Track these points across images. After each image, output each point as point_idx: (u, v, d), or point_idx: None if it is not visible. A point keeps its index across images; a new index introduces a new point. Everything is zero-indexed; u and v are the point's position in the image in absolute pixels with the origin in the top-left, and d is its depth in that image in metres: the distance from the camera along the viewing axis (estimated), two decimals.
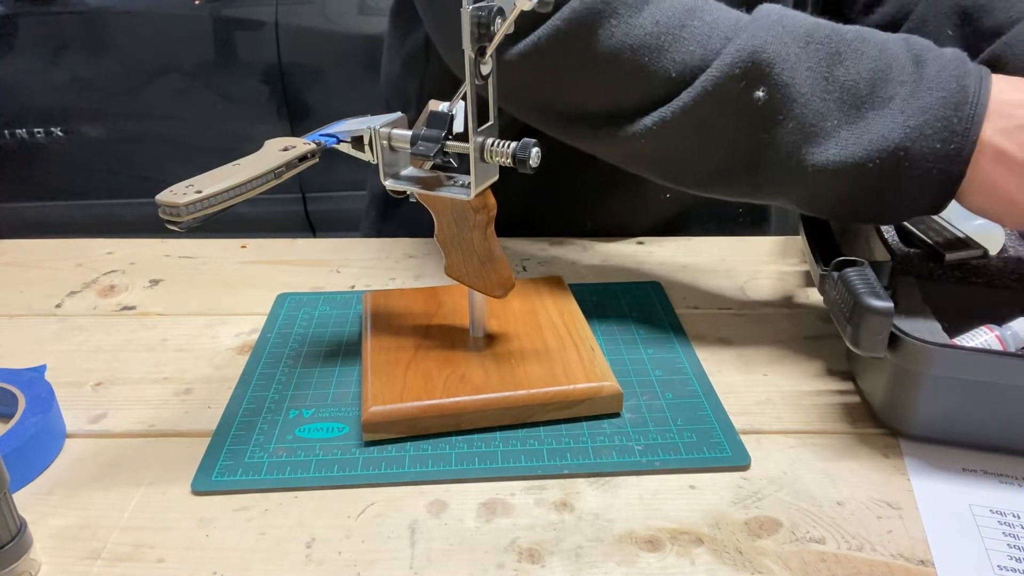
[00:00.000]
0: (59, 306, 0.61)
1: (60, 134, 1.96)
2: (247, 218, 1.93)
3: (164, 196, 0.37)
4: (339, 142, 0.45)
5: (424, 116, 0.44)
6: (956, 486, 0.42)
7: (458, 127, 0.44)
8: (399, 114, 0.46)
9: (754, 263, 0.67)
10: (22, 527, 0.36)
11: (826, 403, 0.49)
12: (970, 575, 0.37)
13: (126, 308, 0.60)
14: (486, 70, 0.42)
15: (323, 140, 0.44)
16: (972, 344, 0.45)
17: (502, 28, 0.40)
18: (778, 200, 0.51)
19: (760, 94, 0.46)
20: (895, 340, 0.42)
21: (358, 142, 0.45)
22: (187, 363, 0.53)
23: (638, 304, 0.60)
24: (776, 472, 0.43)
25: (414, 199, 0.46)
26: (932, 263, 0.56)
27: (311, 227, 2.10)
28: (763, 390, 0.50)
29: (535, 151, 0.42)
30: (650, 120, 0.49)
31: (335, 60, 1.93)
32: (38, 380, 0.47)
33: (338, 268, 0.66)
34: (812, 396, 0.50)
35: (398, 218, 0.80)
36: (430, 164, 0.45)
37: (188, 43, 1.91)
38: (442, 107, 0.44)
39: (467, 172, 0.44)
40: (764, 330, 0.57)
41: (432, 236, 0.48)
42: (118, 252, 0.69)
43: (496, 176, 0.46)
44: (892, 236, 0.59)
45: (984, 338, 0.45)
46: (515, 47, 0.49)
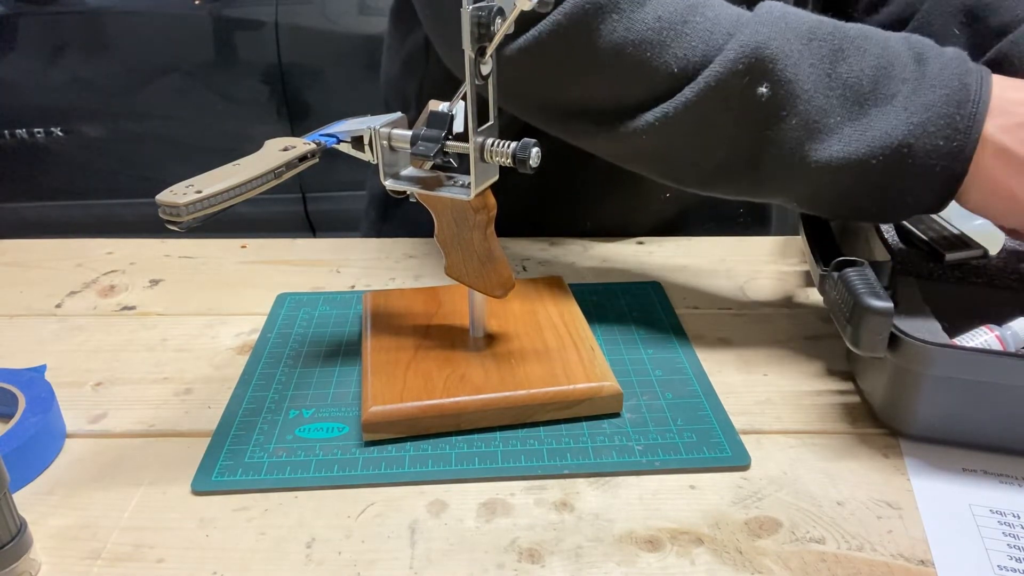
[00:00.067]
0: (59, 306, 0.61)
1: (60, 134, 1.96)
2: (247, 218, 1.94)
3: (164, 196, 0.37)
4: (339, 142, 0.45)
5: (424, 116, 0.44)
6: (956, 486, 0.42)
7: (458, 127, 0.44)
8: (399, 114, 0.46)
9: (754, 263, 0.67)
10: (22, 527, 0.36)
11: (826, 403, 0.49)
12: (970, 575, 0.37)
13: (126, 308, 0.60)
14: (486, 70, 0.42)
15: (323, 140, 0.44)
16: (972, 344, 0.45)
17: (502, 28, 0.40)
18: (779, 198, 0.51)
19: (763, 90, 0.46)
20: (895, 340, 0.42)
21: (358, 142, 0.45)
22: (187, 363, 0.53)
23: (638, 304, 0.60)
24: (776, 472, 0.43)
25: (414, 199, 0.46)
26: (932, 263, 0.56)
27: (311, 227, 2.10)
28: (763, 390, 0.50)
29: (535, 151, 0.42)
30: (652, 116, 0.49)
31: (335, 60, 1.93)
32: (38, 380, 0.47)
33: (338, 268, 0.66)
34: (812, 396, 0.50)
35: (398, 218, 0.80)
36: (430, 164, 0.45)
37: (188, 43, 1.91)
38: (442, 107, 0.44)
39: (467, 172, 0.44)
40: (764, 330, 0.57)
41: (432, 236, 0.48)
42: (118, 252, 0.69)
43: (496, 176, 0.46)
44: (892, 236, 0.59)
45: (984, 338, 0.45)
46: (516, 42, 0.49)
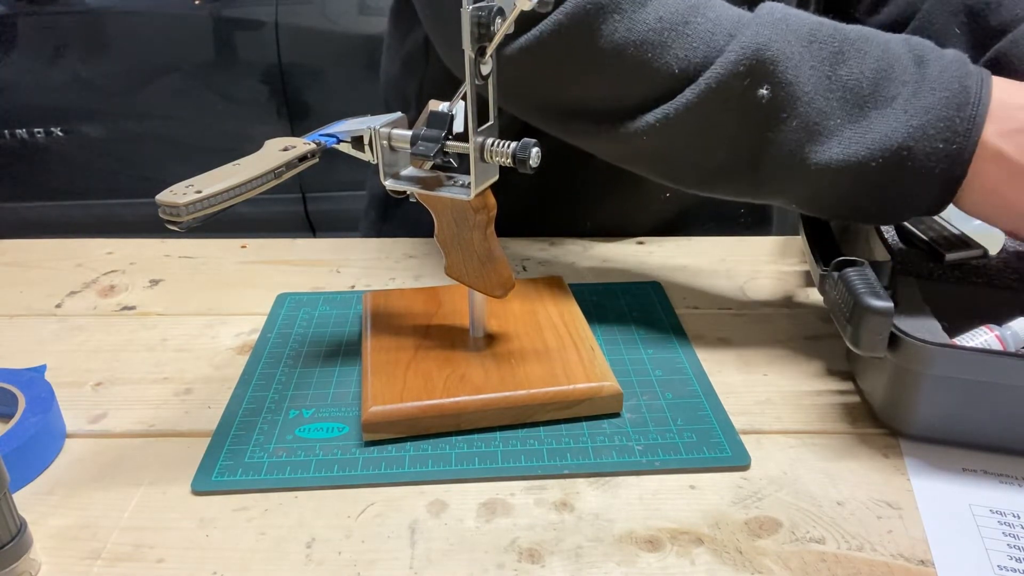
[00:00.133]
0: (59, 306, 0.61)
1: (60, 134, 1.96)
2: (247, 218, 1.94)
3: (164, 196, 0.37)
4: (339, 142, 0.45)
5: (424, 116, 0.44)
6: (956, 486, 0.42)
7: (458, 127, 0.44)
8: (399, 114, 0.46)
9: (754, 263, 0.67)
10: (22, 527, 0.36)
11: (826, 403, 0.49)
12: (970, 575, 0.37)
13: (126, 308, 0.60)
14: (486, 70, 0.42)
15: (323, 140, 0.44)
16: (972, 344, 0.45)
17: (502, 28, 0.40)
18: (779, 199, 0.51)
19: (764, 92, 0.46)
20: (895, 340, 0.42)
21: (358, 142, 0.45)
22: (187, 363, 0.53)
23: (638, 304, 0.60)
24: (776, 472, 0.43)
25: (414, 199, 0.46)
26: (932, 263, 0.56)
27: (311, 227, 2.10)
28: (763, 390, 0.50)
29: (535, 151, 0.42)
30: (652, 117, 0.49)
31: (335, 60, 1.93)
32: (38, 380, 0.47)
33: (338, 268, 0.66)
34: (812, 396, 0.50)
35: (398, 218, 0.80)
36: (430, 164, 0.45)
37: (188, 43, 1.91)
38: (442, 107, 0.44)
39: (467, 172, 0.44)
40: (764, 330, 0.57)
41: (432, 236, 0.48)
42: (118, 252, 0.69)
43: (496, 176, 0.46)
44: (892, 236, 0.59)
45: (984, 338, 0.45)
46: (516, 42, 0.49)
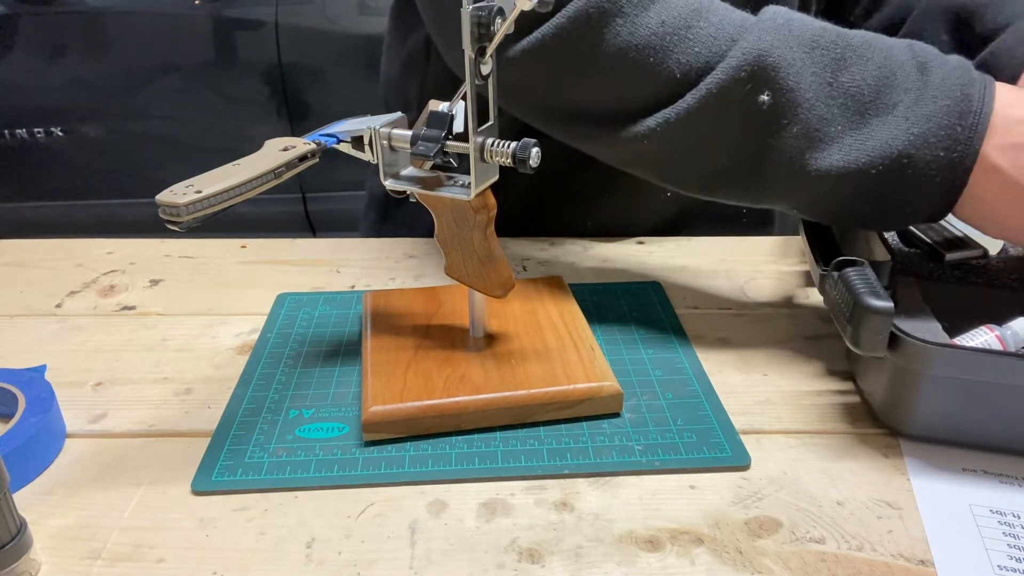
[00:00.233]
0: (59, 306, 0.61)
1: (60, 134, 1.96)
2: (247, 218, 1.94)
3: (164, 196, 0.37)
4: (339, 142, 0.45)
5: (424, 116, 0.44)
6: (956, 486, 0.42)
7: (458, 127, 0.44)
8: (399, 114, 0.46)
9: (754, 263, 0.67)
10: (22, 527, 0.36)
11: (826, 403, 0.49)
12: (970, 575, 0.37)
13: (126, 308, 0.60)
14: (486, 70, 0.42)
15: (323, 140, 0.44)
16: (972, 344, 0.45)
17: (502, 28, 0.40)
18: (779, 204, 0.51)
19: (765, 98, 0.46)
20: (895, 340, 0.42)
21: (358, 142, 0.45)
22: (187, 363, 0.53)
23: (638, 304, 0.60)
24: (776, 472, 0.43)
25: (414, 199, 0.46)
26: (932, 263, 0.56)
27: (311, 227, 2.10)
28: (763, 390, 0.50)
29: (535, 151, 0.42)
30: (653, 121, 0.49)
31: (335, 60, 1.93)
32: (38, 380, 0.47)
33: (338, 268, 0.66)
34: (812, 396, 0.50)
35: (398, 218, 0.80)
36: (430, 164, 0.45)
37: (188, 43, 1.91)
38: (442, 107, 0.44)
39: (467, 172, 0.44)
40: (764, 330, 0.57)
41: (432, 236, 0.48)
42: (118, 252, 0.69)
43: (496, 176, 0.46)
44: (892, 236, 0.59)
45: (984, 338, 0.45)
46: (518, 44, 0.49)
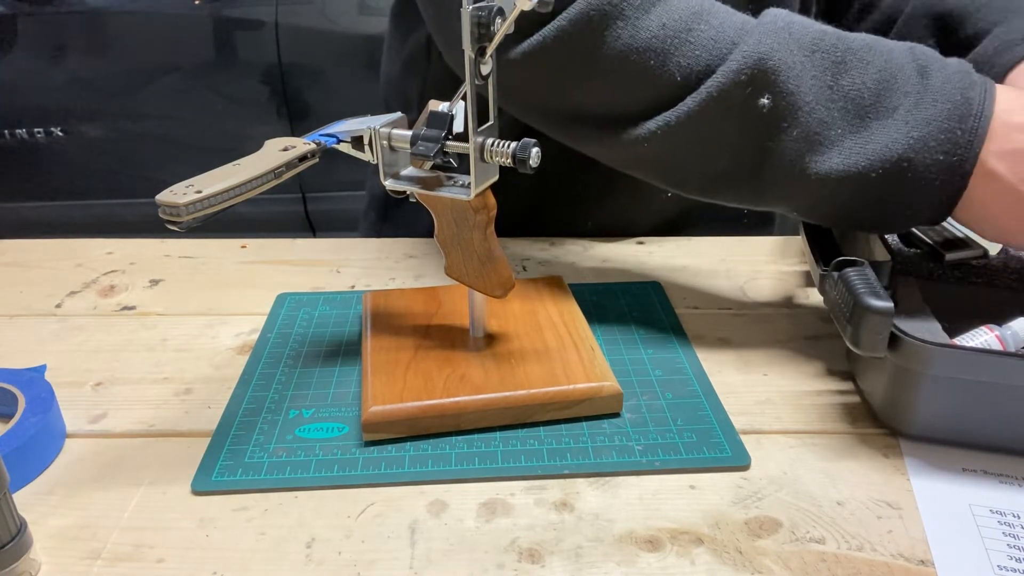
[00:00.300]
0: (59, 306, 0.61)
1: (60, 134, 1.96)
2: (247, 218, 1.94)
3: (164, 196, 0.37)
4: (339, 142, 0.45)
5: (424, 116, 0.44)
6: (956, 486, 0.42)
7: (458, 127, 0.44)
8: (399, 114, 0.46)
9: (754, 263, 0.67)
10: (22, 527, 0.36)
11: (826, 403, 0.49)
12: (970, 575, 0.37)
13: (126, 308, 0.60)
14: (486, 70, 0.42)
15: (323, 140, 0.44)
16: (972, 344, 0.45)
17: (502, 28, 0.40)
18: (779, 207, 0.51)
19: (765, 101, 0.46)
20: (895, 340, 0.42)
21: (358, 142, 0.45)
22: (187, 363, 0.53)
23: (638, 304, 0.60)
24: (776, 472, 0.43)
25: (414, 199, 0.46)
26: (932, 263, 0.56)
27: (311, 227, 2.10)
28: (763, 390, 0.50)
29: (535, 151, 0.42)
30: (654, 124, 0.49)
31: (335, 60, 1.93)
32: (38, 380, 0.47)
33: (338, 268, 0.66)
34: (812, 396, 0.50)
35: (398, 218, 0.80)
36: (430, 164, 0.45)
37: (188, 43, 1.91)
38: (442, 107, 0.44)
39: (467, 172, 0.44)
40: (764, 330, 0.57)
41: (432, 236, 0.48)
42: (118, 252, 0.69)
43: (496, 176, 0.46)
44: (892, 236, 0.59)
45: (984, 338, 0.45)
46: (519, 46, 0.49)
